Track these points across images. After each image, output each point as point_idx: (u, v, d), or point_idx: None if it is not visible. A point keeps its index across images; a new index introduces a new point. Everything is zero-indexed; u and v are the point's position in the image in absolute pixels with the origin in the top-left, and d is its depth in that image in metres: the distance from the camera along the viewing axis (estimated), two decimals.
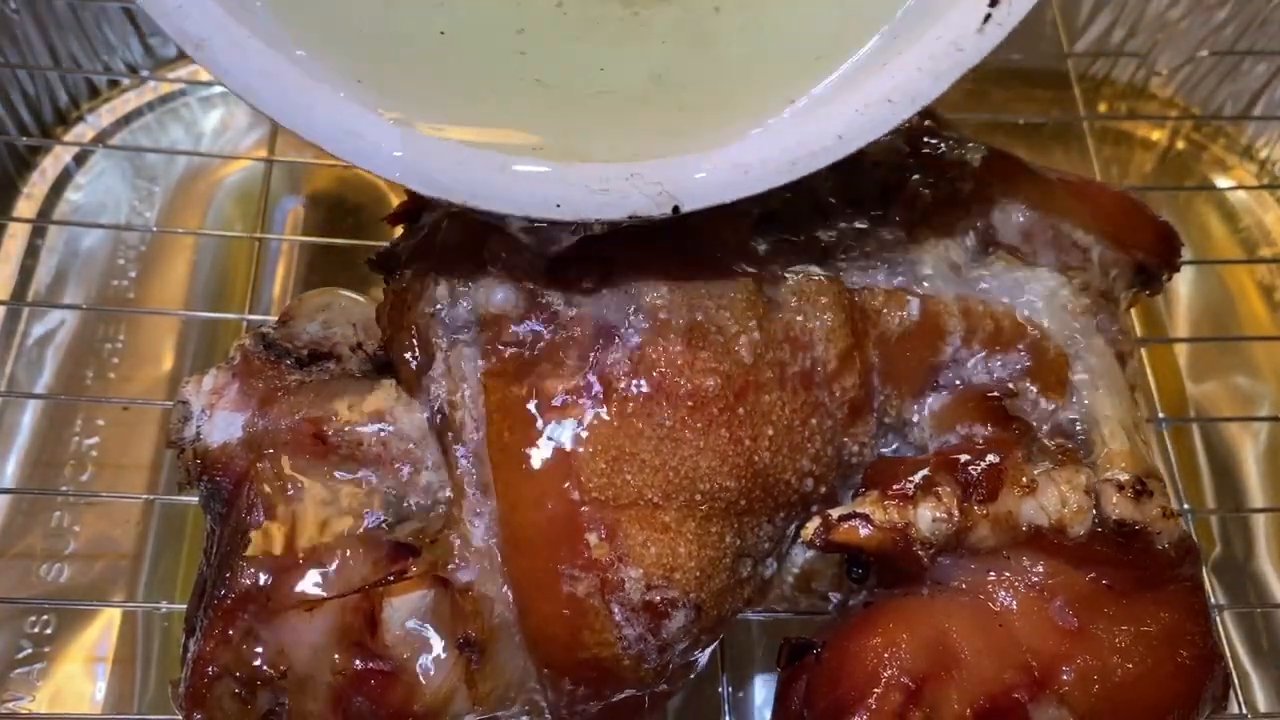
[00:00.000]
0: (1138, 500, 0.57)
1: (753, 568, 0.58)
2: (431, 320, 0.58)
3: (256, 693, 0.55)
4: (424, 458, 0.58)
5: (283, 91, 0.49)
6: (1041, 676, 0.56)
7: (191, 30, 0.47)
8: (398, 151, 0.50)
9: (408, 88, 0.52)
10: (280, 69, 0.49)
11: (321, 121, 0.49)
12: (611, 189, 0.51)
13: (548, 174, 0.51)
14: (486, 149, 0.51)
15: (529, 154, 0.51)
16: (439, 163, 0.50)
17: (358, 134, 0.49)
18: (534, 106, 0.54)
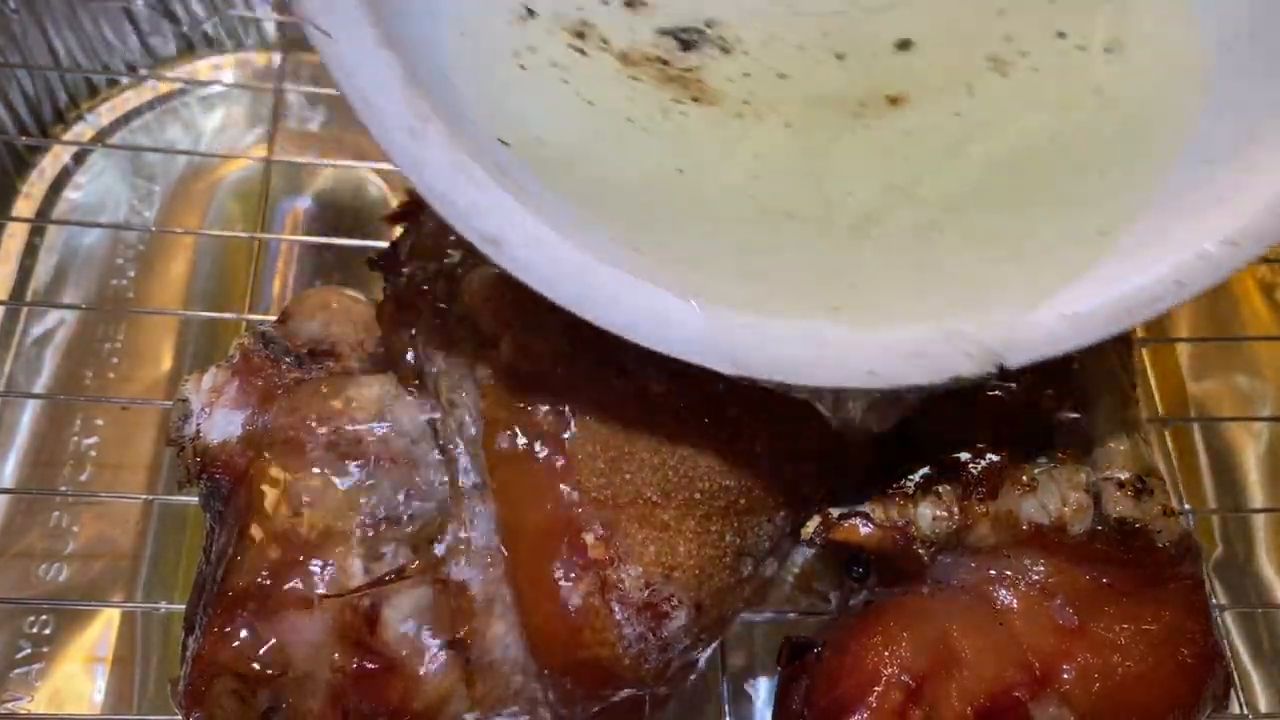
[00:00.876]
0: (1138, 498, 0.57)
1: (753, 567, 0.58)
2: (431, 317, 0.58)
3: (256, 691, 0.55)
4: (423, 456, 0.58)
5: (581, 281, 0.46)
6: (1042, 675, 0.56)
7: (489, 229, 0.44)
8: (703, 335, 0.46)
9: (684, 253, 0.49)
10: (572, 257, 0.45)
11: (625, 310, 0.46)
12: (929, 352, 0.46)
13: (859, 341, 0.46)
14: (790, 319, 0.47)
15: (828, 317, 0.47)
16: (747, 340, 0.46)
17: (664, 320, 0.46)
18: (810, 256, 0.50)
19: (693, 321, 0.46)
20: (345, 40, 0.42)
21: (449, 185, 0.44)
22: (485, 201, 0.44)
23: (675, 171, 0.53)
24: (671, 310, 0.46)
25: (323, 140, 1.09)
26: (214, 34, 1.11)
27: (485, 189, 0.44)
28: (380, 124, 0.43)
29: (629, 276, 0.46)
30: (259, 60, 1.13)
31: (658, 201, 0.51)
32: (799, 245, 0.51)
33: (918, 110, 0.55)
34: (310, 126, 1.10)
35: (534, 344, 0.55)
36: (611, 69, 0.55)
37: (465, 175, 0.44)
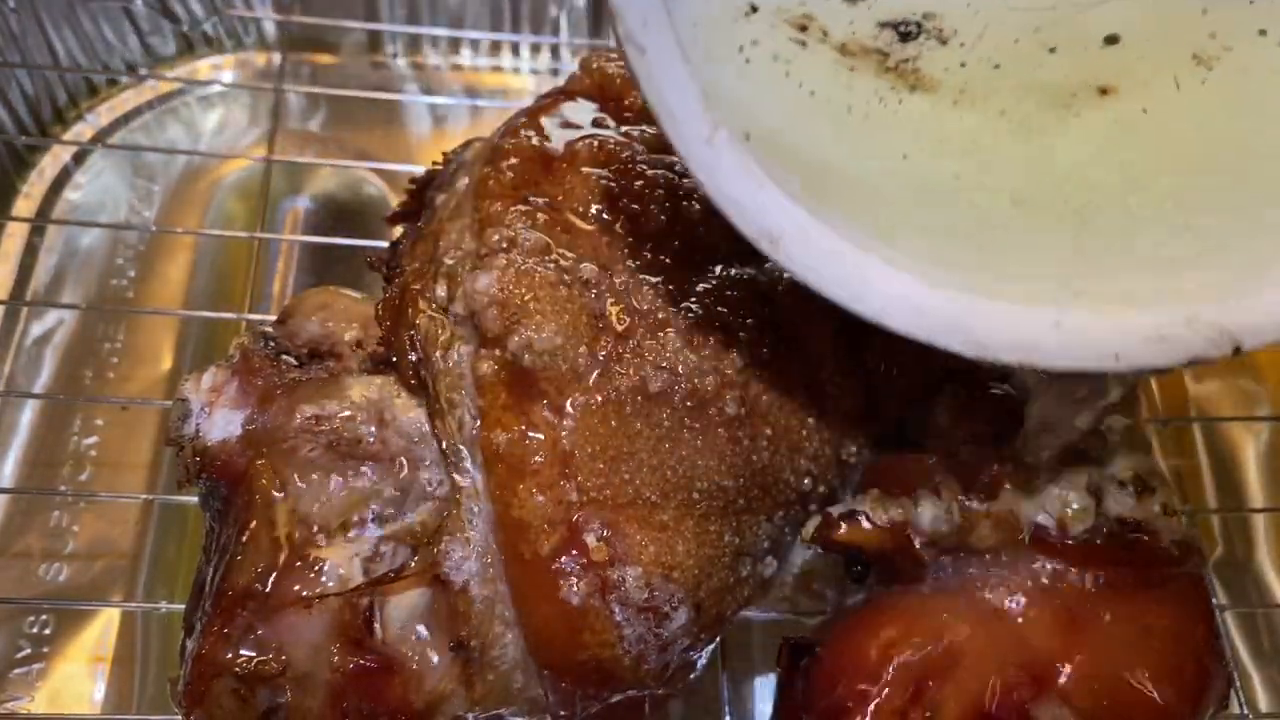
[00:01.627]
0: (1140, 498, 0.57)
1: (752, 566, 0.58)
2: (430, 318, 0.58)
3: (255, 690, 0.55)
4: (423, 455, 0.58)
5: (843, 272, 0.48)
6: (1043, 675, 0.56)
7: (770, 226, 0.47)
8: (954, 321, 0.48)
9: (923, 240, 0.51)
10: (836, 248, 0.48)
11: (879, 297, 0.48)
12: (1169, 335, 0.48)
13: (1102, 325, 0.48)
14: (1035, 304, 0.49)
15: (1072, 302, 0.49)
16: (993, 324, 0.48)
17: (917, 308, 0.48)
18: (1042, 241, 0.52)
19: (946, 308, 0.48)
20: (655, 56, 0.45)
21: (739, 189, 0.47)
22: (769, 202, 0.47)
23: (900, 158, 0.54)
24: (923, 299, 0.48)
25: (323, 140, 1.09)
26: (214, 34, 1.11)
27: (766, 189, 0.47)
28: (681, 134, 0.46)
29: (884, 266, 0.48)
30: (259, 60, 1.13)
31: (887, 189, 0.53)
32: (1030, 230, 0.53)
33: (1126, 101, 0.57)
34: (310, 126, 1.10)
35: (541, 342, 0.55)
36: (830, 60, 0.57)
37: (751, 178, 0.47)
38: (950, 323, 0.48)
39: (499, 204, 0.60)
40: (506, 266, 0.56)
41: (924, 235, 0.52)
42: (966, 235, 0.52)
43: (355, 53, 1.14)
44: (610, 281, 0.57)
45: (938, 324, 0.48)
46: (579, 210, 0.60)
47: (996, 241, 0.52)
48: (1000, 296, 0.49)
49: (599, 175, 0.60)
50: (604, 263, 0.58)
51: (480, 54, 1.15)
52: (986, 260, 0.51)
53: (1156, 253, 0.52)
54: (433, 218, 0.64)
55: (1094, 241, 0.52)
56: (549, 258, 0.57)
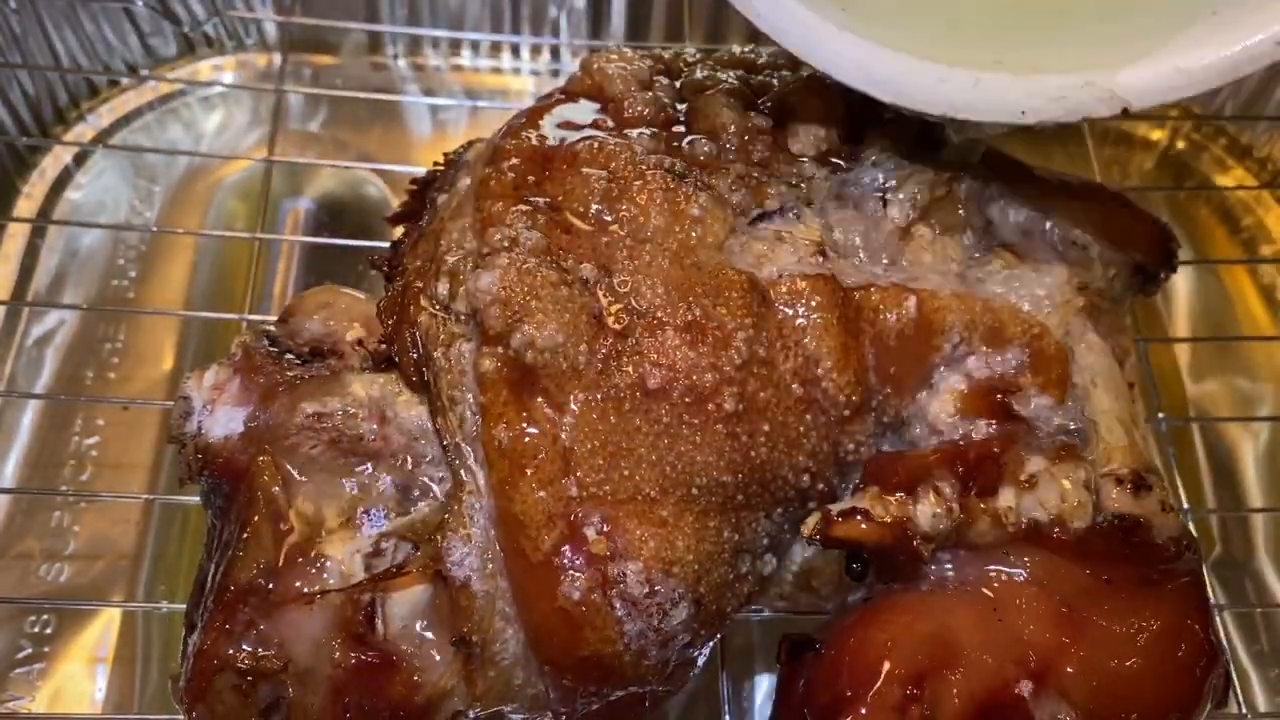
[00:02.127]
0: (1137, 494, 0.57)
1: (751, 563, 0.59)
2: (432, 315, 0.58)
3: (257, 686, 0.55)
4: (424, 452, 0.58)
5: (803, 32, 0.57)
6: (1042, 671, 0.56)
7: None
8: (887, 73, 0.57)
9: (884, 15, 0.60)
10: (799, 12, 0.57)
11: (831, 54, 0.58)
12: (1069, 96, 0.57)
13: (1016, 85, 0.57)
14: (966, 68, 0.57)
15: (993, 68, 0.58)
16: (920, 80, 0.58)
17: (862, 65, 0.57)
18: (983, 24, 0.61)
19: (885, 67, 0.57)
20: None
21: None
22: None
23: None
24: (866, 57, 0.58)
25: (323, 141, 1.09)
26: (215, 35, 1.12)
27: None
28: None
29: (839, 30, 0.57)
30: (260, 61, 1.14)
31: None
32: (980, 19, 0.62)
33: None
34: (311, 127, 1.10)
35: (542, 340, 0.55)
36: None
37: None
38: (887, 79, 0.58)
39: (500, 204, 0.60)
40: (508, 265, 0.57)
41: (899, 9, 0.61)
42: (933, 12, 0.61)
43: (356, 54, 1.14)
44: (610, 281, 0.58)
45: (876, 79, 0.58)
46: (579, 210, 0.60)
47: (957, 18, 0.61)
48: (932, 59, 0.58)
49: (599, 175, 0.60)
50: (603, 262, 0.58)
51: (480, 55, 1.16)
52: (925, 30, 0.60)
53: (1069, 25, 0.61)
54: (434, 217, 0.64)
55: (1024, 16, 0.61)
56: (550, 257, 0.58)
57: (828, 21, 0.57)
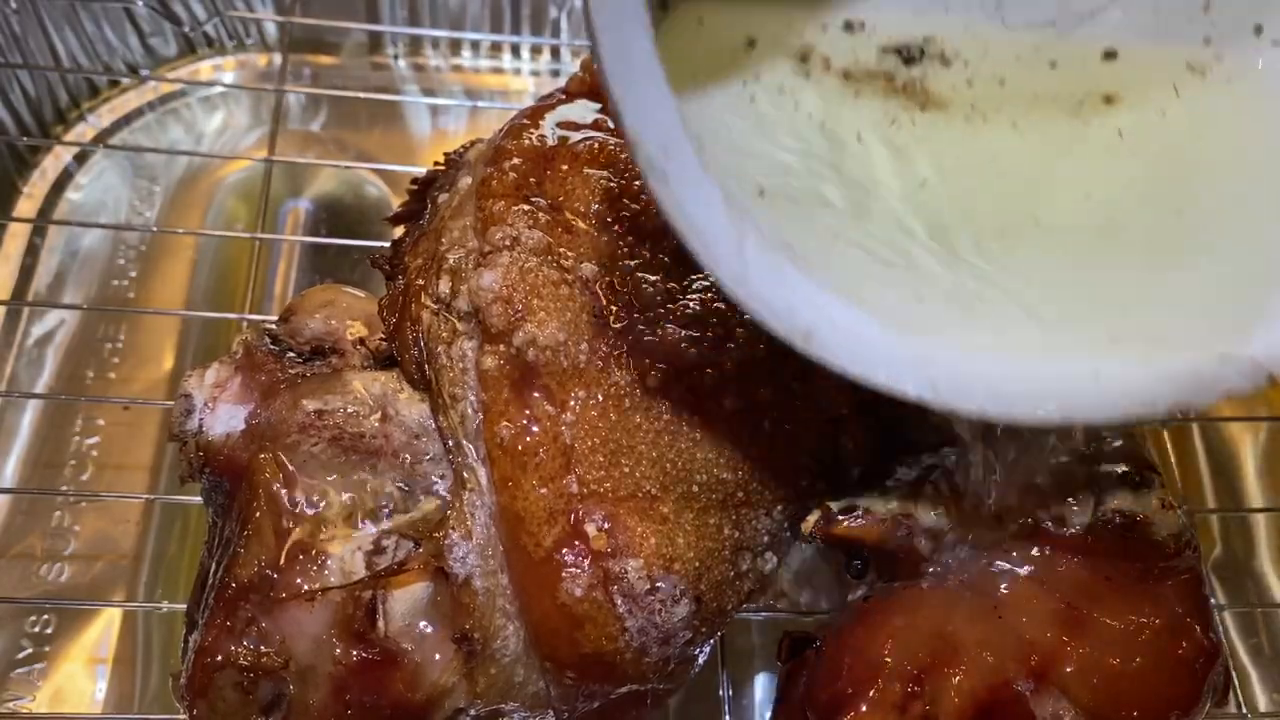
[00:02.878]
0: (1136, 492, 0.57)
1: (752, 561, 0.59)
2: (434, 313, 0.58)
3: (258, 683, 0.55)
4: (425, 450, 0.58)
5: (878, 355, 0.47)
6: (1041, 668, 0.56)
7: (802, 324, 0.46)
8: (998, 388, 0.47)
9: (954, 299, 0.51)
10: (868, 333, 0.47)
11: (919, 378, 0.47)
12: (1204, 374, 0.47)
13: (1140, 374, 0.47)
14: (1075, 356, 0.48)
15: (1109, 350, 0.48)
16: (1037, 386, 0.47)
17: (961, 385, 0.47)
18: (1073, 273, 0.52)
19: (982, 380, 0.47)
20: (678, 178, 0.44)
21: (770, 291, 0.46)
22: (798, 300, 0.46)
23: (918, 185, 0.54)
24: (956, 367, 0.47)
25: (323, 141, 1.09)
26: (215, 35, 1.11)
27: (797, 288, 0.46)
28: (710, 251, 0.45)
29: (918, 341, 0.47)
30: (260, 61, 1.14)
31: (911, 225, 0.53)
32: (1054, 257, 0.52)
33: (1131, 110, 0.57)
34: (311, 127, 1.10)
35: (543, 338, 0.55)
36: (836, 88, 0.57)
37: (781, 281, 0.46)
38: (994, 393, 0.47)
39: (501, 203, 0.60)
40: (510, 264, 0.57)
41: (961, 295, 0.51)
42: (1007, 282, 0.51)
43: (356, 54, 1.14)
44: (610, 280, 0.58)
45: (996, 396, 0.47)
46: (579, 210, 0.60)
47: (1038, 283, 0.51)
48: (1037, 350, 0.48)
49: (599, 175, 0.60)
50: (604, 262, 0.58)
51: (480, 55, 1.16)
52: (1035, 313, 0.50)
53: (1181, 280, 0.51)
54: (435, 216, 0.65)
55: (1124, 271, 0.52)
56: (551, 256, 0.58)
57: (906, 336, 0.47)
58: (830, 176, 0.54)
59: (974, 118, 0.57)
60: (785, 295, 0.46)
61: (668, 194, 0.44)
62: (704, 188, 0.44)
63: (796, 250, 0.48)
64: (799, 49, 0.58)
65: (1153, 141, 0.56)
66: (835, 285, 0.48)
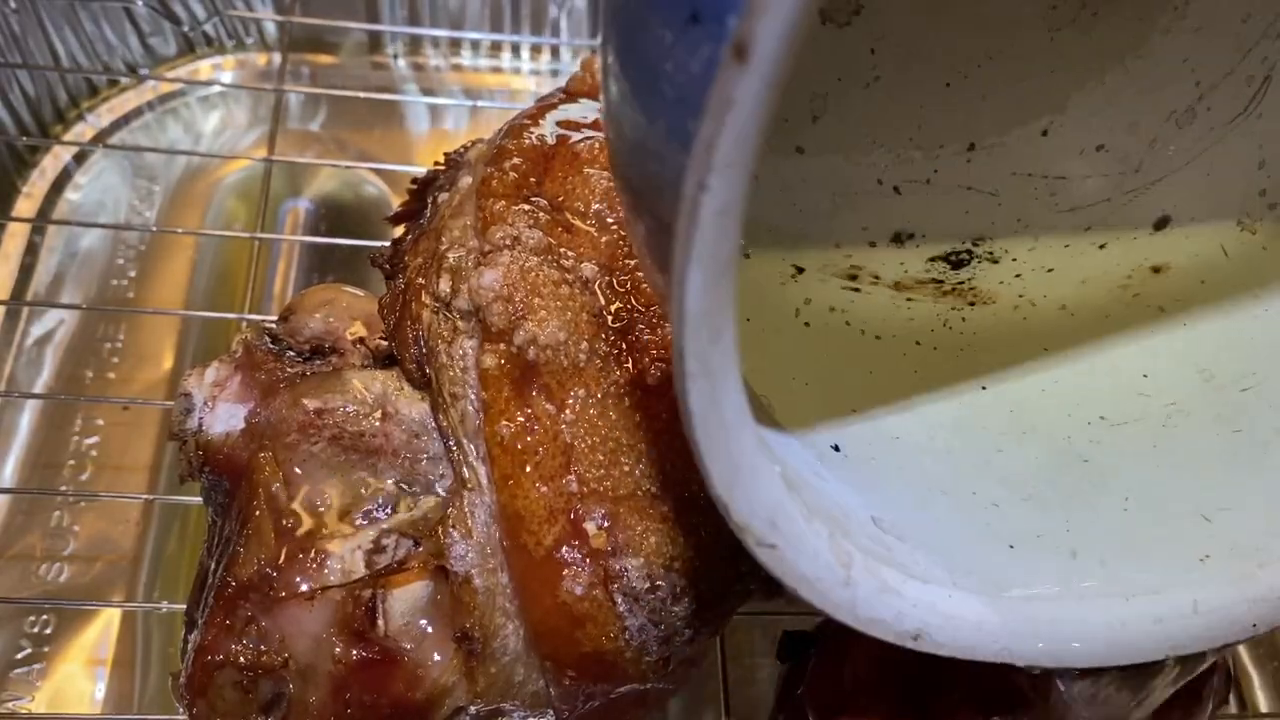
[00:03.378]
0: None
1: (752, 561, 0.58)
2: (434, 312, 0.58)
3: (258, 682, 0.55)
4: (426, 448, 0.58)
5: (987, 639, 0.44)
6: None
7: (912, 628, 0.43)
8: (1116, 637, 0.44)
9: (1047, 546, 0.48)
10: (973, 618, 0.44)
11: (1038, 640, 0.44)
12: (1273, 597, 0.44)
13: (1237, 596, 0.44)
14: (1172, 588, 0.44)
15: (1201, 572, 0.45)
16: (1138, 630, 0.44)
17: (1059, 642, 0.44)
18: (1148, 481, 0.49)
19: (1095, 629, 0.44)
20: (787, 545, 0.41)
21: (879, 608, 0.43)
22: (904, 605, 0.43)
23: (979, 390, 0.53)
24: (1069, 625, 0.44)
25: (323, 140, 1.09)
26: (214, 34, 1.11)
27: (901, 593, 0.44)
28: (819, 590, 0.42)
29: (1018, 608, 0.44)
30: (259, 61, 1.14)
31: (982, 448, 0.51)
32: (1126, 460, 0.50)
33: (1181, 278, 0.56)
34: (311, 127, 1.10)
35: (544, 337, 0.55)
36: (888, 298, 0.57)
37: (887, 591, 0.43)
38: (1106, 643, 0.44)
39: (502, 203, 0.60)
40: (511, 264, 0.57)
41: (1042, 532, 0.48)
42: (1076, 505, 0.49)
43: (355, 53, 1.14)
44: (610, 280, 0.58)
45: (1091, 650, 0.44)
46: (580, 210, 0.60)
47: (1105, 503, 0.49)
48: (1134, 589, 0.45)
49: (599, 175, 0.60)
50: (604, 262, 0.58)
51: (480, 55, 1.16)
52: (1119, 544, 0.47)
53: (1256, 474, 0.48)
54: (435, 215, 0.65)
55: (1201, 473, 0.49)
56: (551, 256, 0.58)
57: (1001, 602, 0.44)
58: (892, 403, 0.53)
59: (1022, 306, 0.57)
60: (895, 606, 0.43)
61: (777, 560, 0.41)
62: (811, 539, 0.41)
63: (886, 528, 0.46)
64: (847, 269, 0.57)
65: (1205, 312, 0.54)
66: (933, 558, 0.45)
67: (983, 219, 0.59)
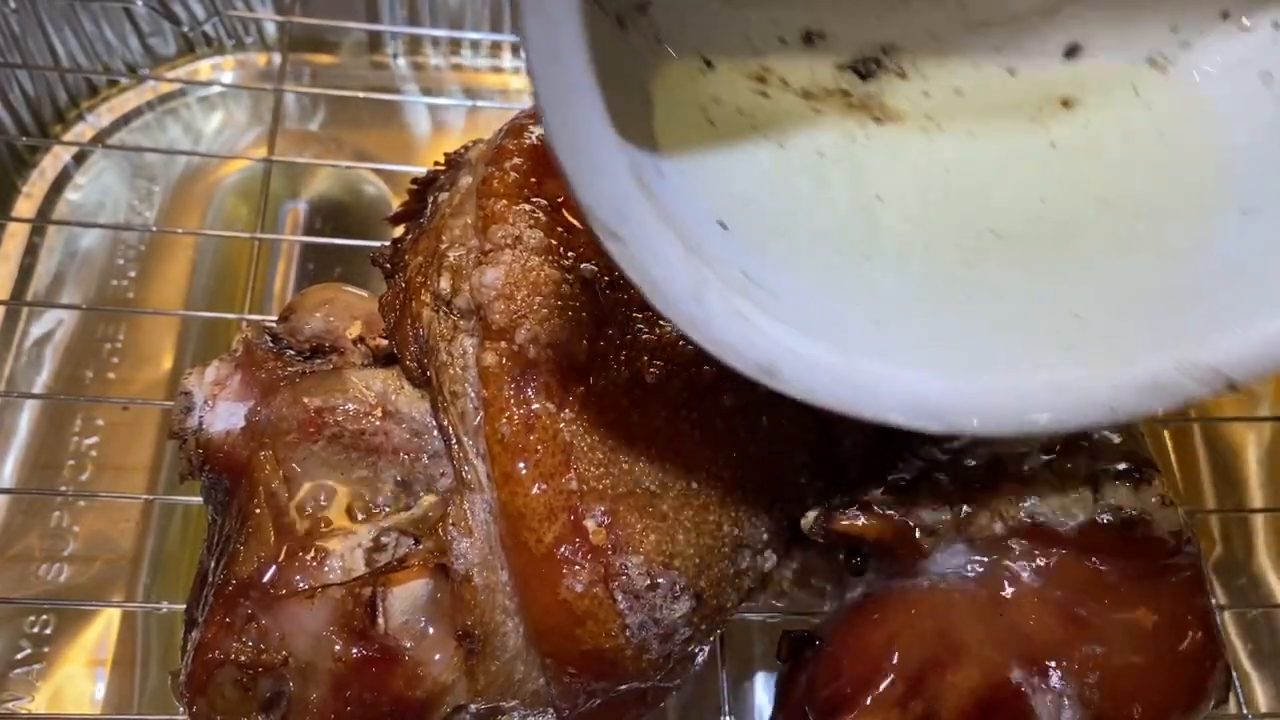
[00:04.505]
0: (1136, 488, 0.57)
1: (751, 558, 0.59)
2: (434, 311, 0.58)
3: (258, 680, 0.55)
4: (426, 446, 0.59)
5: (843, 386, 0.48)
6: (1042, 666, 0.56)
7: (764, 360, 0.47)
8: (951, 404, 0.49)
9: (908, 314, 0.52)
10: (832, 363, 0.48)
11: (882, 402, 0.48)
12: (1162, 382, 0.48)
13: (1096, 382, 0.49)
14: (1028, 368, 0.49)
15: (1063, 358, 0.49)
16: (998, 401, 0.48)
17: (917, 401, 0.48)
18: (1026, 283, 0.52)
19: (945, 396, 0.48)
20: (634, 240, 0.44)
21: (730, 332, 0.46)
22: (757, 336, 0.47)
23: (875, 199, 0.55)
24: (918, 387, 0.48)
25: (322, 141, 1.09)
26: (214, 35, 1.11)
27: (754, 322, 0.47)
28: (668, 299, 0.45)
29: (881, 367, 0.48)
30: (259, 61, 1.14)
31: (868, 244, 0.54)
32: (1013, 269, 0.53)
33: (1089, 112, 0.57)
34: (310, 127, 1.10)
35: (545, 336, 0.55)
36: (795, 106, 0.57)
37: (740, 318, 0.46)
38: (962, 410, 0.48)
39: (503, 202, 0.60)
40: (512, 263, 0.57)
41: (915, 309, 0.52)
42: (957, 294, 0.52)
43: (355, 53, 1.14)
44: (610, 279, 0.58)
45: (945, 413, 0.48)
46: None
47: (986, 297, 0.52)
48: (1000, 367, 0.49)
49: None
50: (604, 261, 0.58)
51: (480, 54, 1.16)
52: (982, 326, 0.51)
53: (1138, 285, 0.52)
54: (435, 214, 0.65)
55: (1079, 279, 0.52)
56: (551, 255, 0.58)
57: (869, 360, 0.48)
58: (789, 200, 0.54)
59: (930, 128, 0.57)
60: (746, 334, 0.46)
61: (625, 255, 0.43)
62: (661, 244, 0.44)
63: (758, 282, 0.49)
64: (756, 70, 0.58)
65: (1111, 144, 0.57)
66: (798, 316, 0.48)
67: (893, 26, 0.59)
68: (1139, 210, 0.54)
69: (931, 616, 0.57)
